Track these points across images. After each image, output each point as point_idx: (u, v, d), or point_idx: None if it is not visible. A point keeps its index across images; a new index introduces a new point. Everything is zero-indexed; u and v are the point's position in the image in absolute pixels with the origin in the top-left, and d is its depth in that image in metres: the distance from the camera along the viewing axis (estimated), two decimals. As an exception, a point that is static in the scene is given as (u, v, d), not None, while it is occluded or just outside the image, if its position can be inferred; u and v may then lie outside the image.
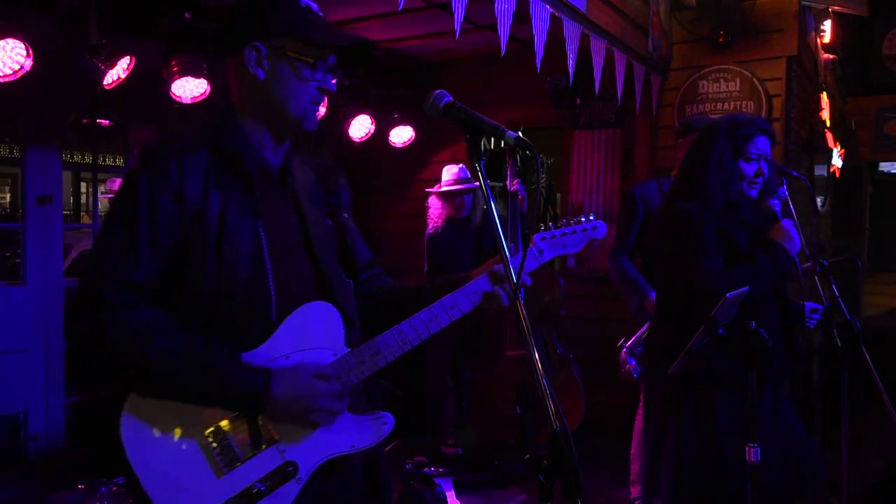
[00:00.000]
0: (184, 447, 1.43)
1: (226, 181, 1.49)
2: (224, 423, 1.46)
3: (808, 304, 2.86)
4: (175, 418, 1.43)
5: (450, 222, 4.64)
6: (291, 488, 1.47)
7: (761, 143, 2.49)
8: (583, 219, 1.79)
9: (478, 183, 4.55)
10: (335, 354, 1.54)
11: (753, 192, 2.52)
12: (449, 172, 4.67)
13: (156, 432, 1.43)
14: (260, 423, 1.47)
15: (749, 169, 2.48)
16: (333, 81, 1.59)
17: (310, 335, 1.52)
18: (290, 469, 1.48)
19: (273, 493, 1.46)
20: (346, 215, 1.73)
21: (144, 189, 1.44)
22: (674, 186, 2.74)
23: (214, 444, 1.45)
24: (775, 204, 2.55)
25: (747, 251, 2.47)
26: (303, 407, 1.46)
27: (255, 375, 1.43)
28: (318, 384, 1.47)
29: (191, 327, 1.44)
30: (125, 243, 1.42)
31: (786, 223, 2.52)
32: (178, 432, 1.43)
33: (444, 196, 4.66)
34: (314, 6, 1.58)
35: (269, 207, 1.53)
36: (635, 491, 3.69)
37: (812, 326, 2.88)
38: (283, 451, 1.48)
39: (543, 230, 1.74)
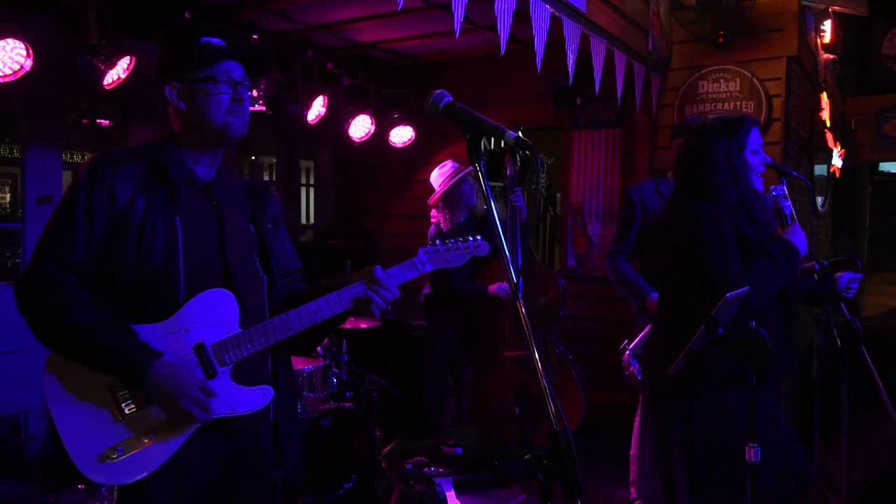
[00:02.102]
0: (90, 394, 1.74)
1: (153, 187, 1.81)
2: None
3: (846, 275, 2.84)
4: (87, 372, 1.73)
5: (455, 225, 4.57)
6: (176, 439, 1.77)
7: (758, 135, 2.58)
8: (470, 238, 2.03)
9: (470, 168, 4.54)
10: (228, 332, 1.83)
11: (759, 185, 2.56)
12: (439, 174, 4.61)
13: (70, 382, 1.74)
14: None
15: (755, 159, 2.55)
16: (248, 93, 1.91)
17: (209, 315, 1.82)
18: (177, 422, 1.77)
19: (161, 440, 1.75)
20: (269, 226, 2.03)
21: (84, 191, 1.76)
22: (676, 190, 2.73)
23: (116, 395, 1.74)
24: (787, 206, 2.57)
25: (759, 245, 2.48)
26: (174, 393, 1.73)
27: (137, 357, 1.72)
28: (194, 380, 1.75)
29: (112, 302, 1.75)
30: (65, 233, 1.74)
31: (796, 226, 2.56)
32: (87, 382, 1.74)
33: (443, 203, 4.53)
34: (213, 40, 1.90)
35: (189, 208, 1.84)
36: (635, 491, 3.69)
37: (851, 296, 2.85)
38: None
39: (430, 246, 1.99)
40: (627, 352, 3.51)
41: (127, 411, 1.74)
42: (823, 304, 2.85)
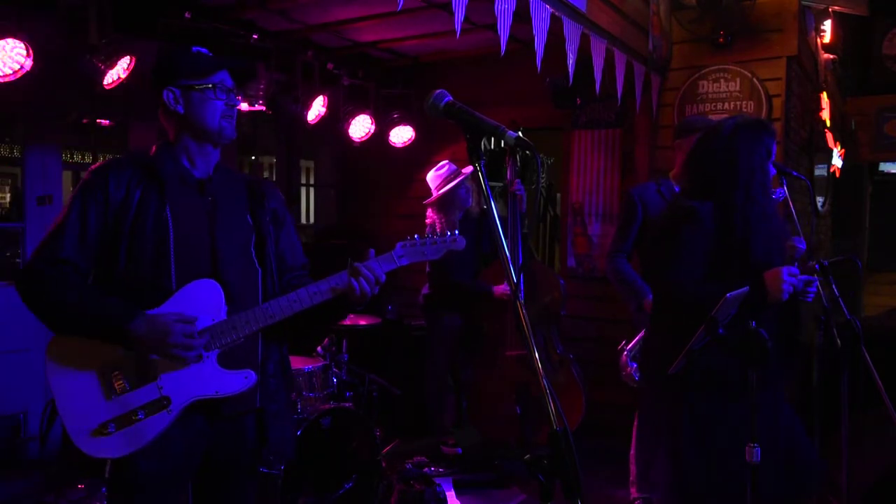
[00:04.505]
0: (85, 374, 1.90)
1: (147, 185, 1.98)
2: (118, 360, 1.90)
3: (802, 278, 2.80)
4: (82, 354, 1.91)
5: (451, 225, 4.58)
6: (164, 417, 1.91)
7: (775, 146, 2.55)
8: (448, 234, 2.11)
9: (465, 171, 4.54)
10: (213, 319, 1.96)
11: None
12: (435, 175, 4.58)
13: (67, 362, 1.91)
14: (145, 362, 1.90)
15: (773, 170, 2.53)
16: (238, 98, 2.12)
17: (197, 303, 1.95)
18: (165, 402, 1.91)
19: (149, 418, 1.90)
20: (268, 220, 2.16)
21: (79, 197, 1.95)
22: (687, 188, 2.67)
23: (109, 375, 1.90)
24: (801, 246, 2.53)
25: (731, 266, 2.44)
26: (160, 339, 1.86)
27: (121, 309, 1.87)
28: (175, 325, 1.87)
29: (110, 291, 1.91)
30: (57, 234, 1.93)
31: (785, 270, 2.40)
32: (82, 363, 1.91)
33: (439, 205, 4.51)
34: (204, 50, 2.11)
35: (181, 202, 2.00)
36: (635, 491, 3.69)
37: (810, 300, 2.82)
38: (161, 388, 1.92)
39: (408, 239, 2.09)
40: (625, 353, 3.51)
41: (119, 390, 1.89)
42: (787, 308, 2.78)
